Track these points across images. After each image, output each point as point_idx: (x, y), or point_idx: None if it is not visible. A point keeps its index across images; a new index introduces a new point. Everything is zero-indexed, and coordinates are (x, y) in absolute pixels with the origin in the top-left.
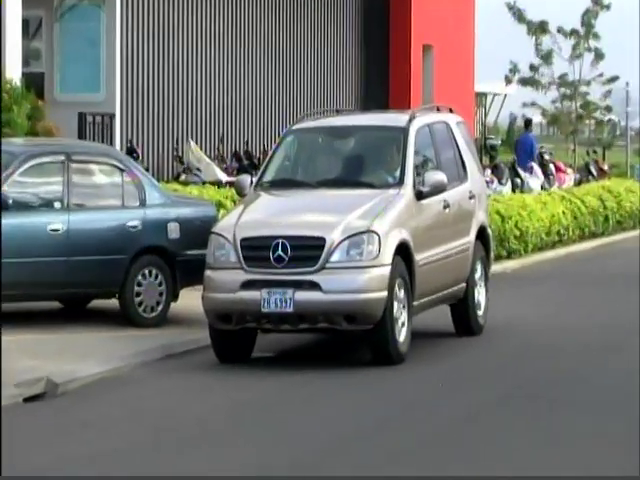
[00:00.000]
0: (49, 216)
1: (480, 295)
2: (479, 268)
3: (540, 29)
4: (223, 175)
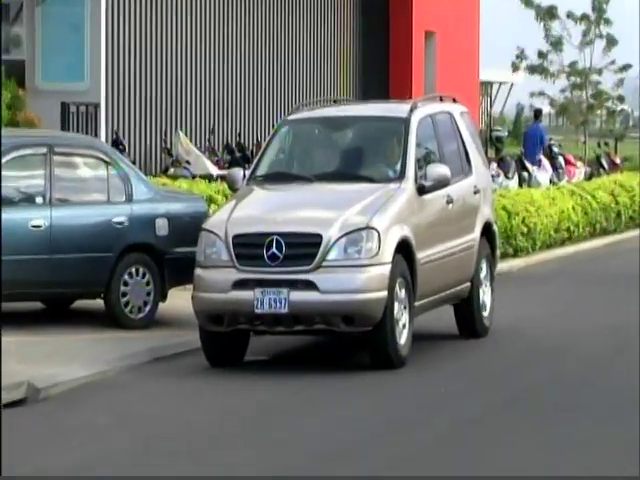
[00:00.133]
0: (30, 212)
1: (485, 295)
2: (484, 267)
3: (549, 14)
4: (214, 168)
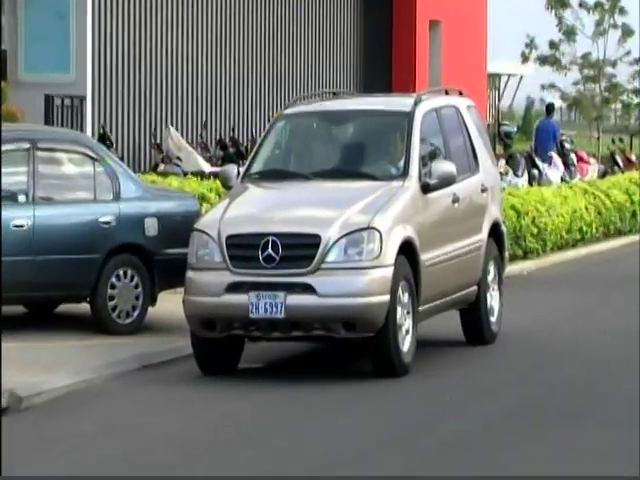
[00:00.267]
0: (12, 211)
1: (493, 299)
2: (492, 269)
3: (560, 3)
4: (206, 165)
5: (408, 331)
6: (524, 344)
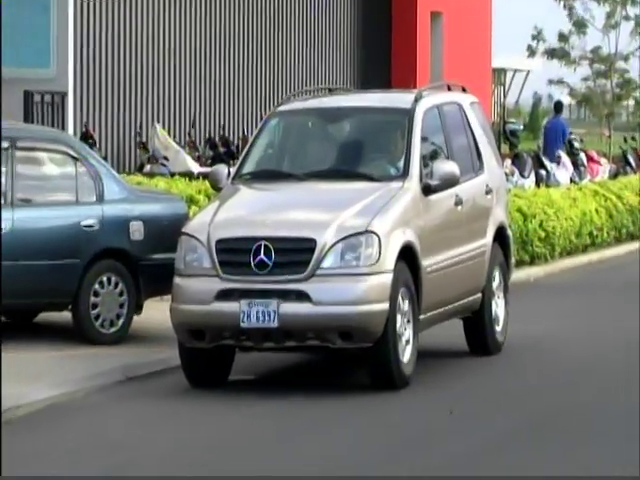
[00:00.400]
0: None
1: (498, 308)
2: (497, 276)
3: None
4: (195, 165)
5: (408, 341)
6: (531, 355)
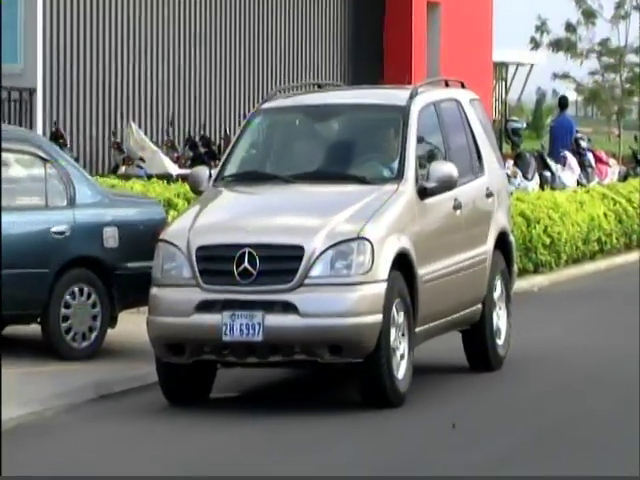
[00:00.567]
0: None
1: (500, 319)
2: (499, 285)
3: None
4: (173, 167)
5: (403, 356)
6: (535, 370)
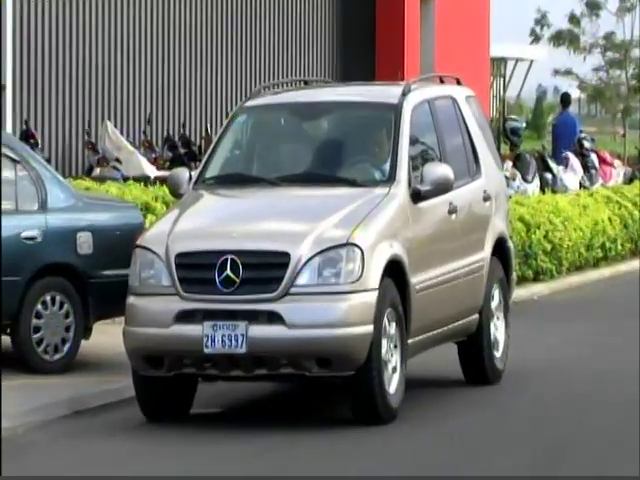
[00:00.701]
0: None
1: (498, 330)
2: (497, 294)
3: None
4: (151, 168)
5: (395, 369)
6: (534, 384)
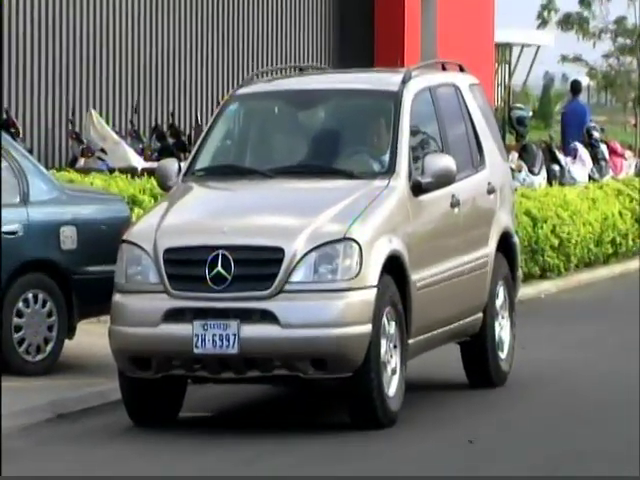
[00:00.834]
0: None
1: (503, 330)
2: (501, 292)
3: None
4: (138, 159)
5: (395, 370)
6: (541, 387)
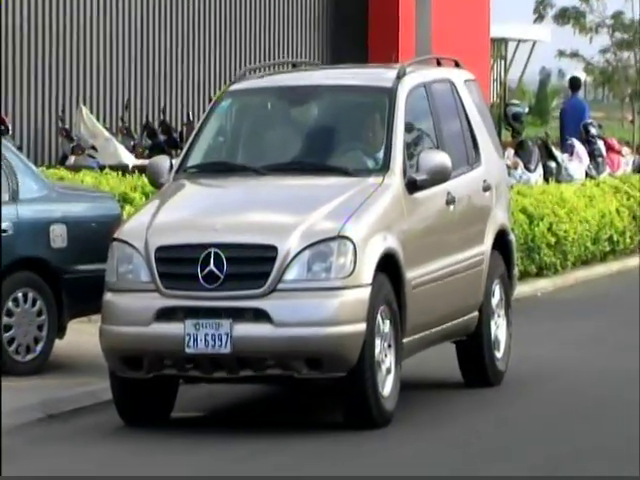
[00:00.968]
0: None
1: (499, 329)
2: (497, 290)
3: None
4: (129, 157)
5: (390, 370)
6: (538, 386)
